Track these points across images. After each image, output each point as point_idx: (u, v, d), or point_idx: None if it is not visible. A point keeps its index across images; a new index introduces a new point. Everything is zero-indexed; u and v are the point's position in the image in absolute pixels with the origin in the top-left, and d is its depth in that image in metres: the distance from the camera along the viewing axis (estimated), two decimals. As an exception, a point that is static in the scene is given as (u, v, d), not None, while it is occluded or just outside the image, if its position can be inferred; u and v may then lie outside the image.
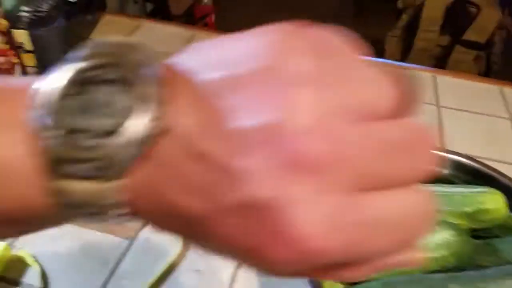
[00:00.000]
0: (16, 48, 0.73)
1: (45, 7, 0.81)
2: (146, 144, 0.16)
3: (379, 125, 0.16)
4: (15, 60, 0.73)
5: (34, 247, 0.48)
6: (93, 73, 0.16)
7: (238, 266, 0.48)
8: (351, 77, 0.16)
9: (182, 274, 0.47)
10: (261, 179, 0.15)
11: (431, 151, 0.16)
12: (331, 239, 0.15)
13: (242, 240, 0.16)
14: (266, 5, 1.94)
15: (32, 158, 0.16)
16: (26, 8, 0.80)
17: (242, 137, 0.15)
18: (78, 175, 0.16)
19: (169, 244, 0.49)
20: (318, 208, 0.14)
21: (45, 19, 0.71)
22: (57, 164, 0.16)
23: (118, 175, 0.16)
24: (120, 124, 0.16)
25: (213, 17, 1.49)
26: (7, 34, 0.70)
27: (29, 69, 0.75)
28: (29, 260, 0.46)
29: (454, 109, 0.75)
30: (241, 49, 0.17)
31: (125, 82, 0.16)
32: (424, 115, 0.60)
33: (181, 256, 0.48)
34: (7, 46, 0.72)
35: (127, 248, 0.49)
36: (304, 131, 0.14)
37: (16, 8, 0.79)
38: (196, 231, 0.16)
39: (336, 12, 1.90)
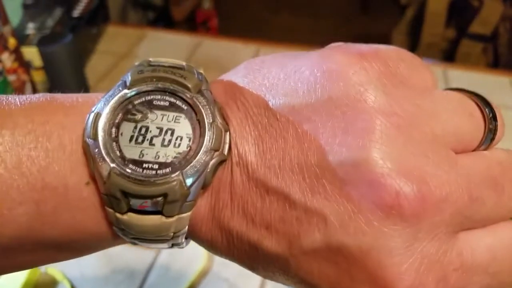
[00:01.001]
0: (25, 65, 0.73)
1: (50, 23, 0.82)
2: (211, 173, 0.15)
3: (468, 159, 0.14)
4: (25, 77, 0.74)
5: (60, 263, 0.49)
6: (142, 99, 0.16)
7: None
8: (433, 106, 0.15)
9: (211, 283, 0.47)
10: (350, 224, 0.13)
11: None
12: None
13: (325, 284, 0.14)
14: (269, 7, 1.92)
15: (92, 187, 0.15)
16: (32, 25, 0.81)
17: (321, 173, 0.14)
18: (143, 210, 0.15)
19: (194, 253, 0.49)
20: (416, 257, 0.13)
21: (54, 35, 0.71)
22: (118, 198, 0.15)
23: (183, 210, 0.15)
24: (181, 154, 0.15)
25: (215, 22, 1.49)
26: (16, 52, 0.71)
27: (39, 86, 0.76)
28: (59, 277, 0.47)
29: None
30: (303, 74, 0.15)
31: (178, 108, 0.15)
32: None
33: (208, 266, 0.48)
34: (16, 64, 0.72)
35: (153, 260, 0.50)
36: (395, 172, 0.13)
37: (22, 25, 0.79)
38: (269, 265, 0.16)
39: (342, 10, 1.89)
